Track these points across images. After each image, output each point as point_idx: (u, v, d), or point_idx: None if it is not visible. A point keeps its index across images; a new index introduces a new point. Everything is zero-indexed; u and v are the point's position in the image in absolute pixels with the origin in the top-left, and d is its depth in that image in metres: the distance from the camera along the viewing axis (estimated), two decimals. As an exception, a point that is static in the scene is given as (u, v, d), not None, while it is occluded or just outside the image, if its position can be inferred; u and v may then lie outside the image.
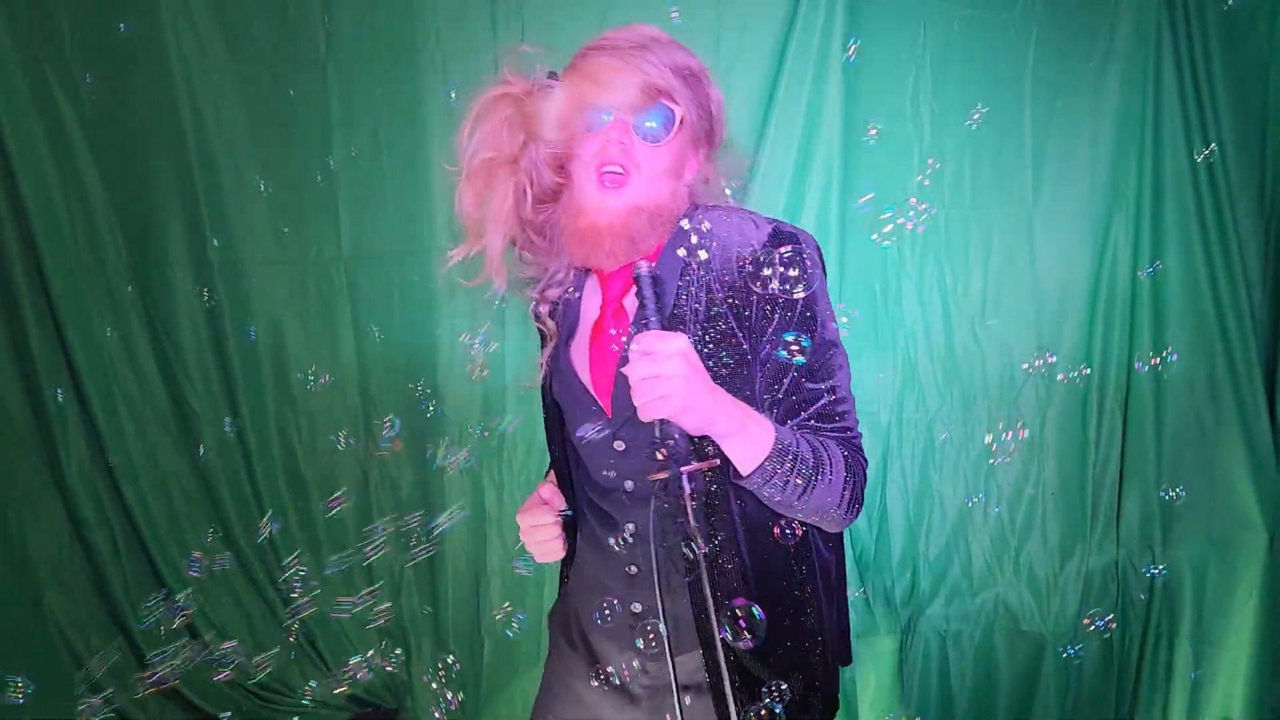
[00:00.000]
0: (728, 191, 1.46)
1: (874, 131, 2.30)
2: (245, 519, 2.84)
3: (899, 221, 2.33)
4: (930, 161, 2.49)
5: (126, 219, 2.70)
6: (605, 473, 1.40)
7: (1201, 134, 2.43)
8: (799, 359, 1.28)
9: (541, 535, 1.46)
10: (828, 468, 1.27)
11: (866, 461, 1.35)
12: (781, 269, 1.27)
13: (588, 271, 1.44)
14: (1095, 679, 2.58)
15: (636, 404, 1.16)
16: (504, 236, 1.35)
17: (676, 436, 1.17)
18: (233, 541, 2.85)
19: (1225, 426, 2.47)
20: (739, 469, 1.25)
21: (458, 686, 2.83)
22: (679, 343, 1.15)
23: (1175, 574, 2.54)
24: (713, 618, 1.11)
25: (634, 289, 1.25)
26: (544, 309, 1.46)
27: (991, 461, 2.59)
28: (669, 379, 1.14)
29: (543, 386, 1.48)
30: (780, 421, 1.30)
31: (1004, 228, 2.55)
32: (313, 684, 2.86)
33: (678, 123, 1.28)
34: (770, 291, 1.28)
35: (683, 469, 1.18)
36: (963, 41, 2.47)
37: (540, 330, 1.47)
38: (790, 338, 1.27)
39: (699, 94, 1.32)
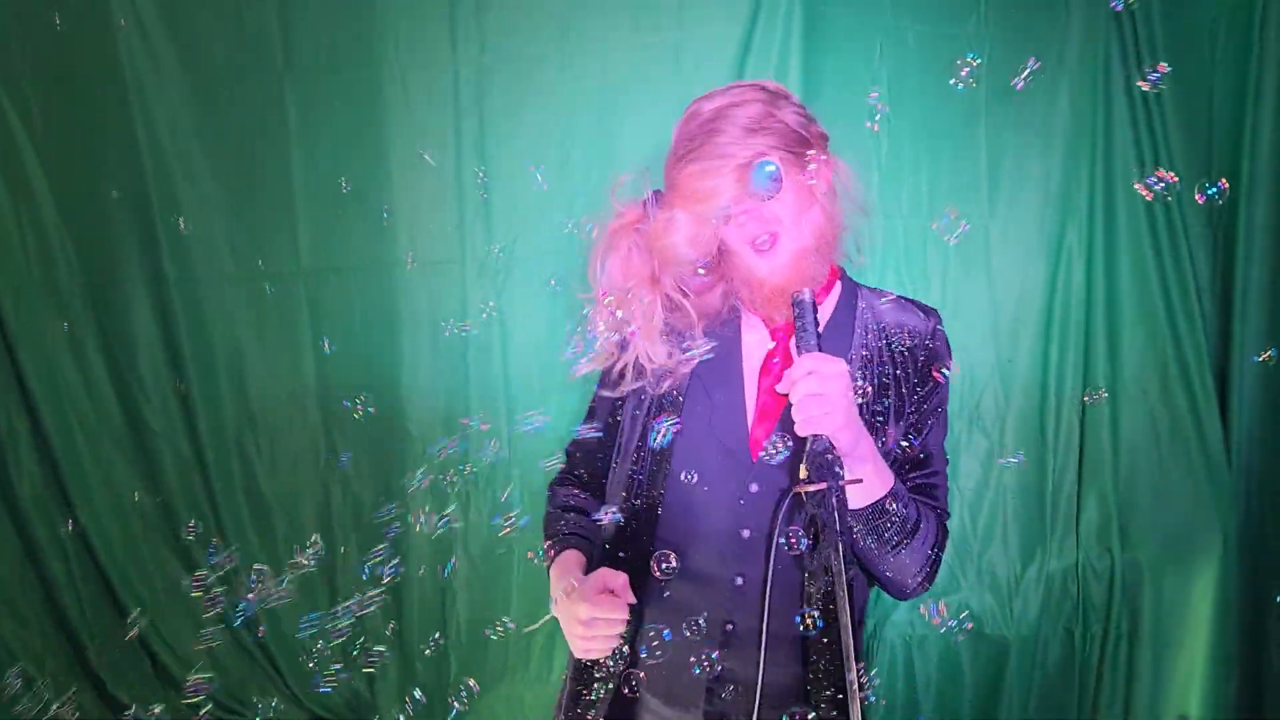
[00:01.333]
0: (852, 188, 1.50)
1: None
2: (203, 538, 2.79)
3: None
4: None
5: (79, 235, 2.65)
6: (718, 519, 1.41)
7: (1150, 142, 2.49)
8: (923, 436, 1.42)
9: (604, 630, 1.33)
10: (923, 532, 1.36)
11: (949, 538, 1.44)
12: (945, 355, 1.46)
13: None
14: (1057, 680, 2.62)
15: (797, 418, 1.23)
16: (663, 347, 1.42)
17: (831, 454, 1.23)
18: (190, 561, 2.80)
19: (1179, 429, 2.53)
20: (857, 499, 1.31)
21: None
22: (842, 366, 1.24)
23: (1134, 575, 2.59)
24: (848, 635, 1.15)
25: (795, 314, 1.31)
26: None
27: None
28: (834, 397, 1.21)
29: (633, 423, 1.51)
30: None
31: (961, 238, 2.59)
32: (275, 703, 2.81)
33: (780, 169, 1.33)
34: (932, 369, 1.43)
35: (843, 482, 1.22)
36: (918, 56, 2.51)
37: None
38: (926, 412, 1.42)
39: (778, 127, 1.36)
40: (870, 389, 1.41)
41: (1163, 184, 2.04)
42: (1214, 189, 2.03)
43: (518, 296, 2.60)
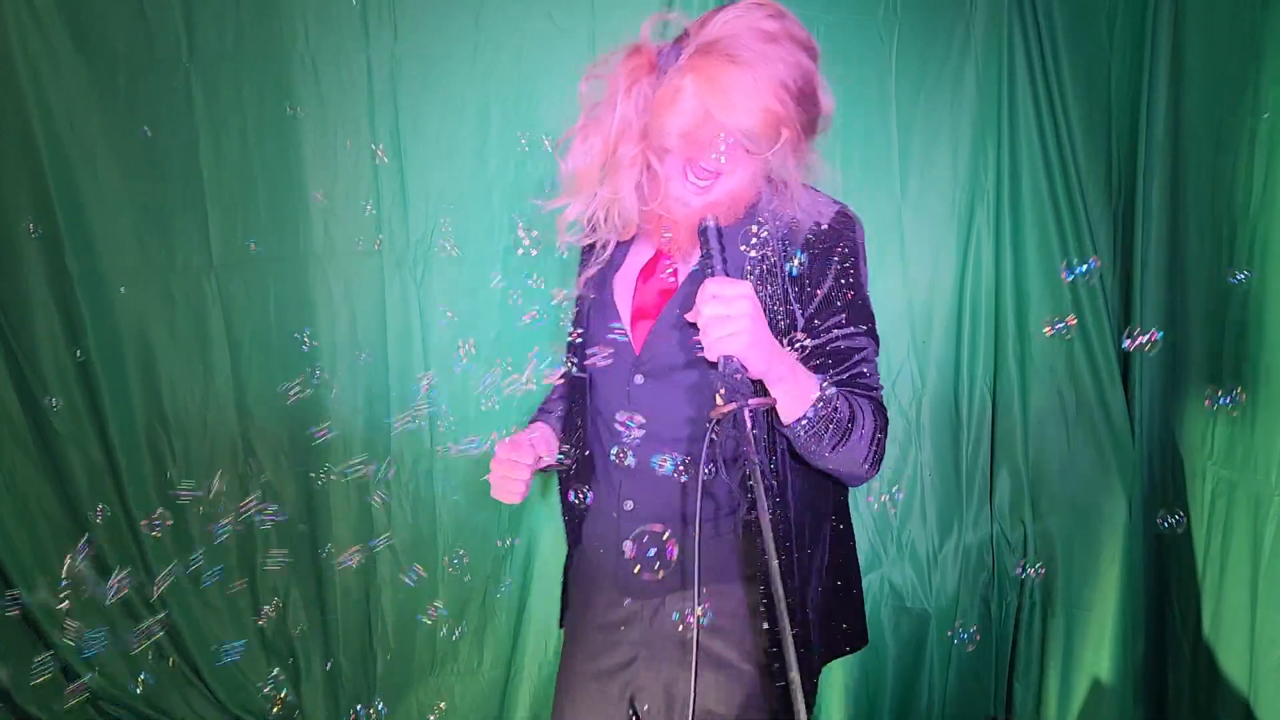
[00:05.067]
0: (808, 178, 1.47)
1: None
2: (116, 540, 2.70)
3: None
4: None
5: (-28, 232, 2.55)
6: (618, 414, 1.44)
7: (1053, 126, 2.57)
8: (844, 330, 1.41)
9: (513, 473, 1.47)
10: (860, 424, 1.37)
11: (888, 420, 1.45)
12: (842, 248, 1.41)
13: None
14: (976, 650, 2.70)
15: (705, 342, 1.25)
16: (635, 202, 1.39)
17: (740, 374, 1.25)
18: (104, 566, 2.71)
19: (1084, 404, 2.63)
20: (783, 415, 1.33)
21: (352, 700, 2.77)
22: (745, 288, 1.24)
23: (1045, 545, 2.68)
24: (771, 551, 1.15)
25: (700, 242, 1.32)
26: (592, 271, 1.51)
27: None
28: (738, 318, 1.22)
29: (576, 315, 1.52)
30: None
31: (875, 222, 2.64)
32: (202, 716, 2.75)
33: (780, 143, 1.30)
34: (830, 266, 1.40)
35: (749, 402, 1.23)
36: (830, 45, 2.55)
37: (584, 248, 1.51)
38: (838, 306, 1.40)
39: (811, 104, 1.32)
40: (772, 305, 1.40)
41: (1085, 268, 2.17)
42: (1083, 268, 2.14)
43: (436, 285, 2.58)
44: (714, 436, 1.26)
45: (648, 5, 2.46)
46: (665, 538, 1.35)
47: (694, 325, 1.29)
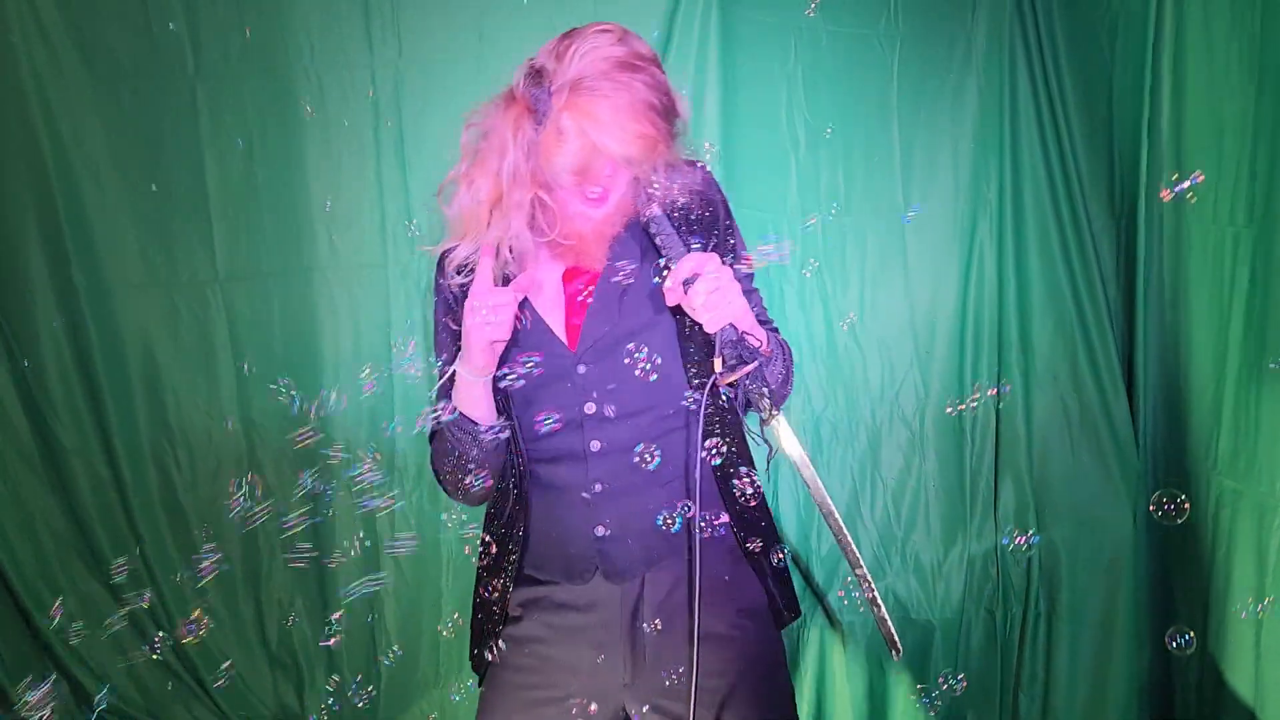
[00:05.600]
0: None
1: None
2: (121, 555, 2.70)
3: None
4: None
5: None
6: (556, 412, 1.44)
7: (1055, 136, 2.58)
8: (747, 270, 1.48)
9: (486, 314, 1.37)
10: (786, 353, 1.50)
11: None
12: (721, 199, 1.51)
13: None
14: (981, 660, 2.69)
15: (706, 317, 1.32)
16: (529, 237, 1.40)
17: (738, 337, 1.33)
18: (108, 580, 2.71)
19: (1088, 413, 2.63)
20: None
21: (356, 712, 2.77)
22: (715, 257, 1.34)
23: (1050, 556, 2.68)
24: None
25: (652, 232, 1.40)
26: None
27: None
28: (728, 288, 1.32)
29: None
30: None
31: (877, 233, 2.65)
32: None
33: (650, 143, 1.33)
34: (721, 218, 1.49)
35: (765, 350, 1.36)
36: (832, 55, 2.57)
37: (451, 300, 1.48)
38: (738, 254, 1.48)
39: (674, 114, 1.37)
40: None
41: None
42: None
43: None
44: (711, 400, 1.32)
45: (648, 17, 2.48)
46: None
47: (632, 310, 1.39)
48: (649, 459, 1.41)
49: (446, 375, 1.46)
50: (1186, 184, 2.28)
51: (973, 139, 2.61)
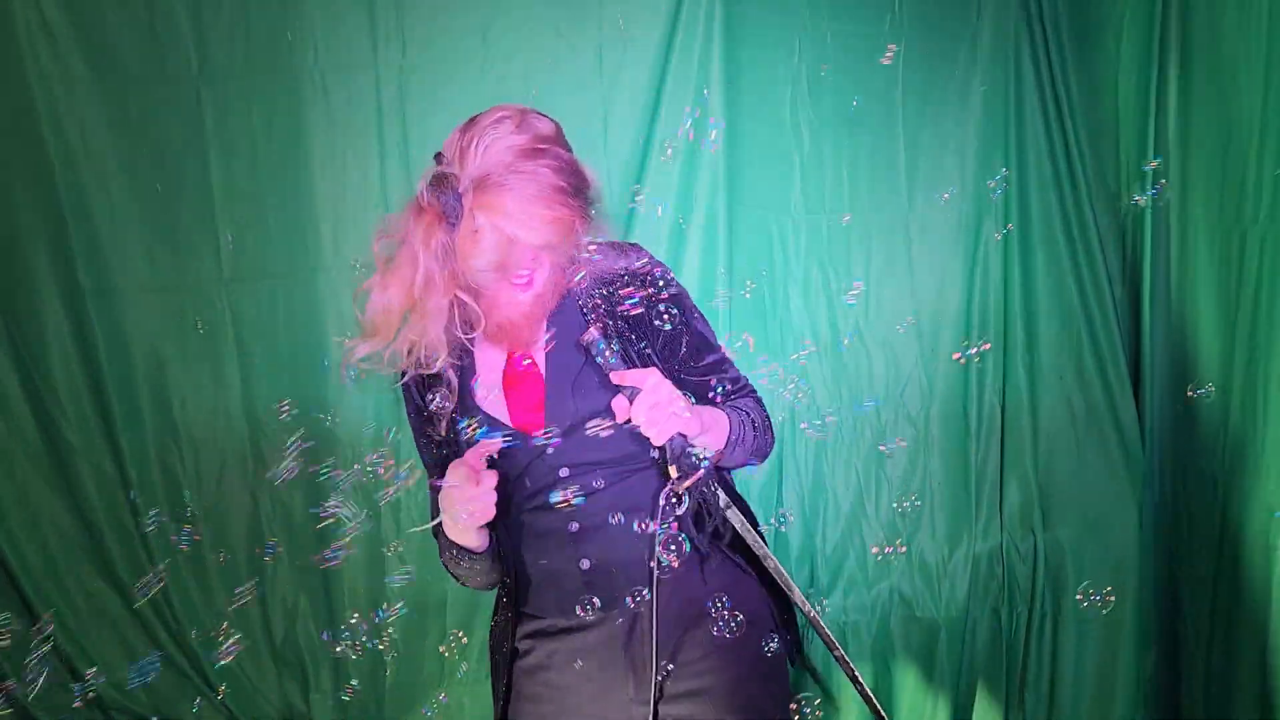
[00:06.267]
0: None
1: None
2: (128, 555, 2.72)
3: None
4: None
5: (-14, 247, 2.57)
6: (531, 482, 1.48)
7: (1060, 136, 2.57)
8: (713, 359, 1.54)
9: (483, 499, 1.39)
10: (756, 422, 1.52)
11: (760, 397, 1.60)
12: (661, 282, 1.48)
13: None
14: (986, 660, 2.69)
15: (652, 432, 1.34)
16: (445, 341, 1.40)
17: (689, 448, 1.36)
18: (115, 578, 2.72)
19: (1094, 412, 2.62)
20: (717, 453, 1.43)
21: (361, 711, 2.77)
22: (654, 371, 1.35)
23: (1056, 554, 2.67)
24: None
25: (594, 352, 1.40)
26: (447, 377, 1.50)
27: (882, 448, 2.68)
28: (671, 399, 1.33)
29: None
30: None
31: (882, 233, 2.65)
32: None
33: (565, 225, 1.32)
34: (658, 304, 1.47)
35: (713, 459, 1.38)
36: (836, 53, 2.56)
37: (421, 400, 1.53)
38: (686, 341, 1.51)
39: (584, 186, 1.36)
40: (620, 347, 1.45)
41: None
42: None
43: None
44: (670, 508, 1.37)
45: (652, 22, 2.48)
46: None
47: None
48: (628, 518, 1.45)
49: (433, 505, 1.49)
50: (1140, 199, 2.34)
51: (978, 139, 2.60)
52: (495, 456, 1.41)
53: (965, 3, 2.56)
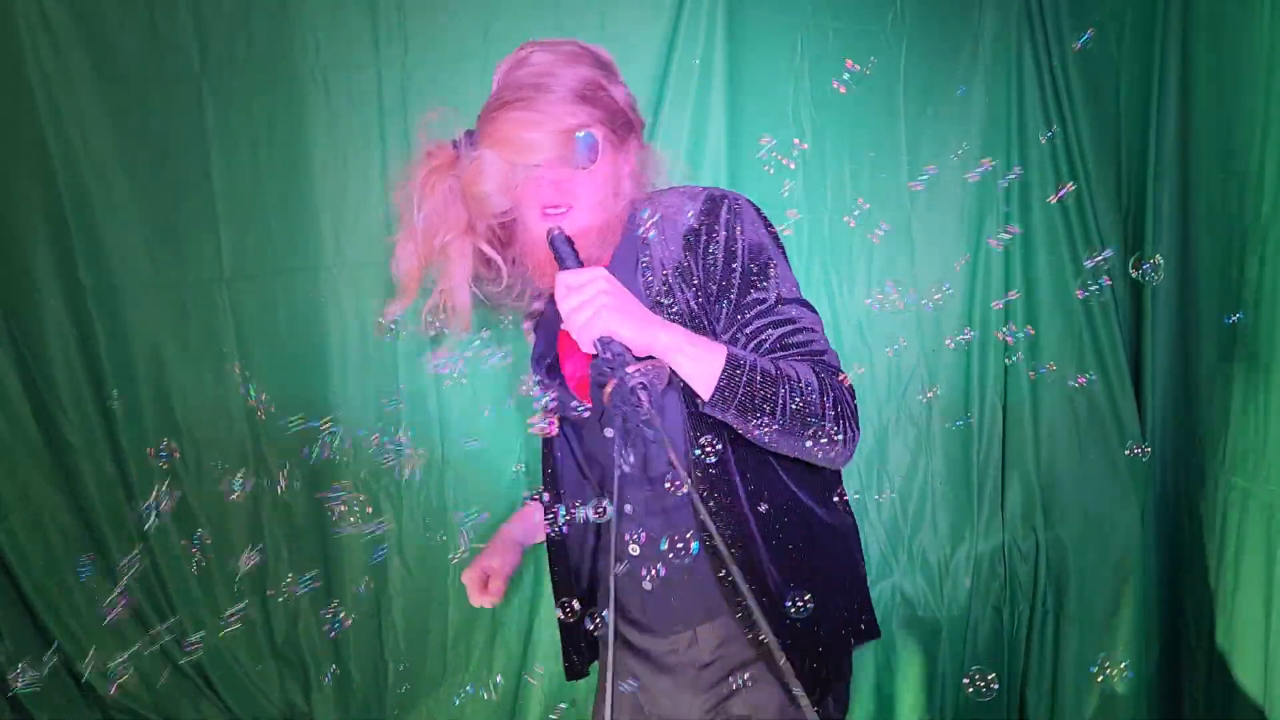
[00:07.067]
0: (658, 179, 1.50)
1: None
2: (129, 553, 2.71)
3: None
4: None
5: (-13, 245, 2.56)
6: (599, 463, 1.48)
7: (1062, 133, 2.57)
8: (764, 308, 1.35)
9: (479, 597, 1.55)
10: (795, 380, 1.27)
11: (847, 379, 1.35)
12: (719, 233, 1.35)
13: None
14: (988, 659, 2.69)
15: (577, 338, 1.24)
16: (469, 294, 1.41)
17: (618, 351, 1.23)
18: (116, 576, 2.72)
19: (1095, 410, 2.62)
20: (699, 392, 1.27)
21: (363, 710, 2.77)
22: (597, 270, 1.24)
23: (1057, 553, 2.67)
24: (711, 526, 1.15)
25: (553, 251, 1.32)
26: (527, 324, 1.56)
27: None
28: (594, 298, 1.21)
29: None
30: None
31: (885, 230, 2.64)
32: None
33: (600, 146, 1.32)
34: (713, 254, 1.35)
35: (629, 369, 1.21)
36: (838, 52, 2.55)
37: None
38: (745, 290, 1.35)
39: (608, 101, 1.35)
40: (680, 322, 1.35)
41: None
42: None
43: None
44: (624, 422, 1.22)
45: (657, 16, 2.47)
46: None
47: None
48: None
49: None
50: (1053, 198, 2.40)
51: (980, 136, 2.60)
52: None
53: (967, 2, 2.57)
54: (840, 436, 1.29)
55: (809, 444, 1.29)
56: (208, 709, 2.80)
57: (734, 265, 1.35)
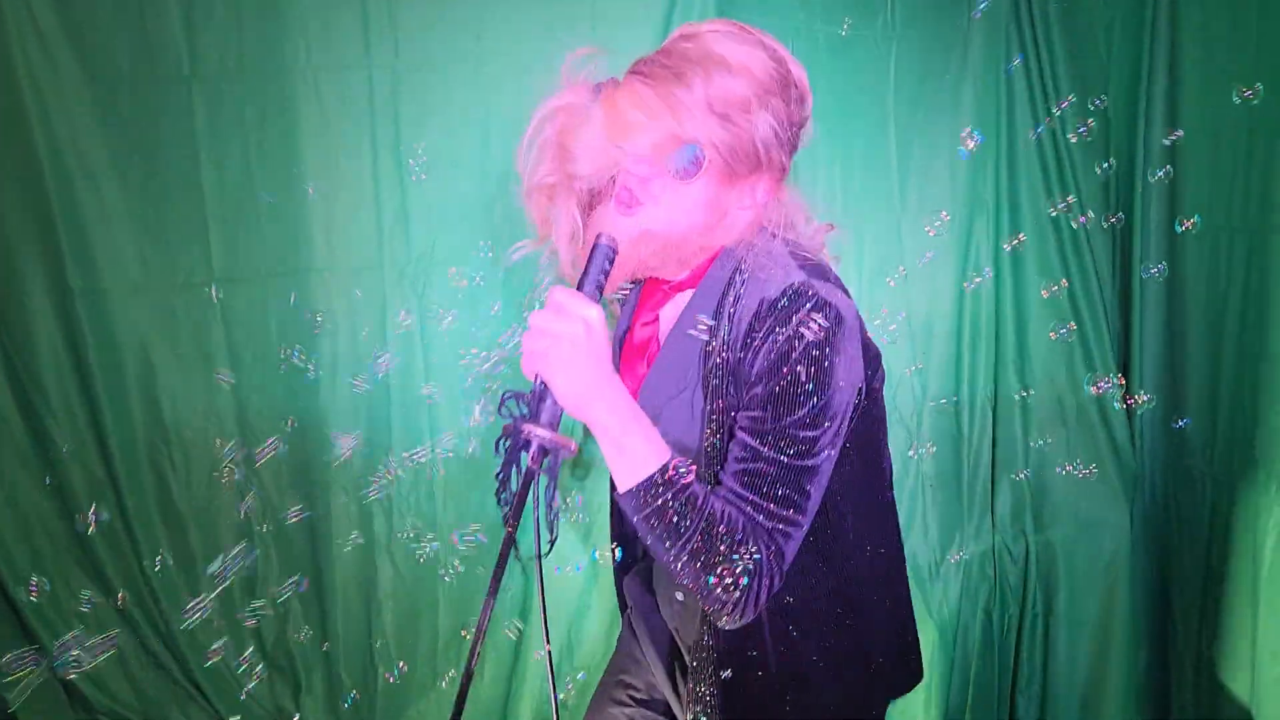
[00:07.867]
0: (803, 220, 1.39)
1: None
2: (118, 558, 2.70)
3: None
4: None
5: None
6: None
7: (1050, 139, 2.58)
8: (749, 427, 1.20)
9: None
10: (720, 532, 1.14)
11: (780, 572, 1.19)
12: (779, 330, 1.18)
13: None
14: (978, 662, 2.69)
15: (522, 360, 1.13)
16: (572, 246, 1.29)
17: (545, 399, 1.11)
18: (105, 581, 2.70)
19: (1085, 413, 2.63)
20: (617, 484, 1.17)
21: (353, 713, 2.76)
22: (591, 311, 1.10)
23: (1047, 557, 2.68)
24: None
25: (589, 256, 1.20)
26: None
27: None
28: (558, 336, 1.09)
29: None
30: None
31: (875, 235, 2.65)
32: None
33: (705, 163, 1.19)
34: (756, 351, 1.19)
35: (522, 427, 1.10)
36: (828, 55, 2.56)
37: None
38: (762, 401, 1.19)
39: (741, 129, 1.20)
40: (711, 395, 1.25)
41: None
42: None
43: (437, 302, 2.58)
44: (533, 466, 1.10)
45: (648, 20, 2.47)
46: None
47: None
48: None
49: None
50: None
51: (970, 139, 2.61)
52: None
53: (957, 4, 2.57)
54: (724, 604, 1.17)
55: (698, 592, 1.19)
56: (196, 714, 2.78)
57: (773, 378, 1.19)
